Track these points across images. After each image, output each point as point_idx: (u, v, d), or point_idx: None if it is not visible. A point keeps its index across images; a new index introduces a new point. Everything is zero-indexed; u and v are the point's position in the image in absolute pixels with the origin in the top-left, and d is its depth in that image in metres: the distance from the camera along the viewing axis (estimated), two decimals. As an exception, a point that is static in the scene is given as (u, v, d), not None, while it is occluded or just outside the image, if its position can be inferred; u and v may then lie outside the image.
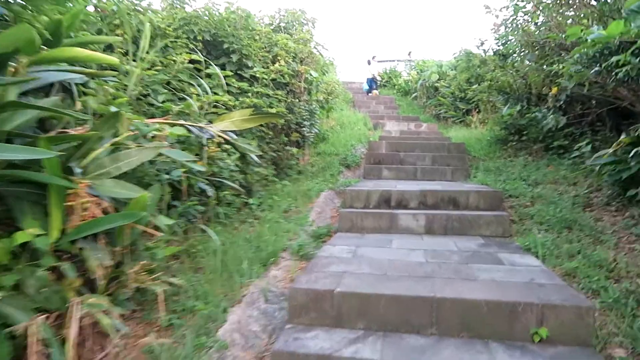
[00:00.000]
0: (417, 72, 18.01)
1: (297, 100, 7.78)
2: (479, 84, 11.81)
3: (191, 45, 5.61)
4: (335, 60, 17.32)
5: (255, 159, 4.79)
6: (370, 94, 18.75)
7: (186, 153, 3.64)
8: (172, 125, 3.65)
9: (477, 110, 12.64)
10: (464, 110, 13.06)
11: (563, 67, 5.82)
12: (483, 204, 5.35)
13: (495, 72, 8.78)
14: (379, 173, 7.99)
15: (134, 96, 3.91)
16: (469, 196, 5.38)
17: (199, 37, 5.54)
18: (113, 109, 3.09)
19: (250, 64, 5.89)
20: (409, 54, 21.75)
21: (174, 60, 4.95)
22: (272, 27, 7.95)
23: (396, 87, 19.62)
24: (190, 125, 3.73)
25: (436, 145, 8.67)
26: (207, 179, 4.43)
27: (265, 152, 6.50)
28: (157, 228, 3.10)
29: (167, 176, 3.58)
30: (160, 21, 5.24)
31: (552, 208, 5.11)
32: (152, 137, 3.39)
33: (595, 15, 5.79)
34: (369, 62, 19.27)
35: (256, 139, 6.35)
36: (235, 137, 4.06)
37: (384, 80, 21.58)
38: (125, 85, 3.92)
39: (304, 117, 7.89)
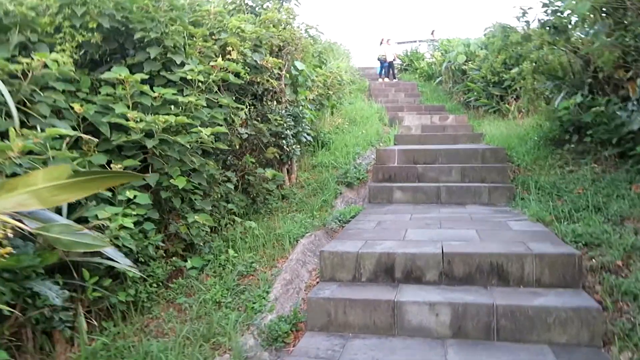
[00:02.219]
0: (442, 54, 15.54)
1: (273, 103, 5.69)
2: (518, 66, 9.39)
3: (80, 38, 3.59)
4: (346, 44, 15.07)
5: (133, 271, 2.80)
6: (381, 79, 16.42)
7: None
8: None
9: (514, 96, 10.22)
10: (498, 97, 10.65)
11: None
12: (549, 276, 3.16)
13: (543, 51, 6.43)
14: (389, 195, 5.84)
15: None
16: (524, 262, 3.19)
17: (92, 25, 3.52)
18: None
19: (180, 60, 3.85)
20: (431, 33, 19.21)
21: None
22: (233, 7, 5.83)
23: (418, 71, 17.18)
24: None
25: (466, 152, 6.42)
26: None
27: (219, 182, 4.47)
28: None
29: None
30: (17, 3, 3.25)
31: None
32: None
33: None
34: (380, 43, 16.92)
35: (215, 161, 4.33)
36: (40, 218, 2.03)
37: (405, 64, 19.14)
38: None
39: (287, 126, 5.80)
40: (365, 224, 4.53)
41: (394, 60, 17.03)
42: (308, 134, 6.54)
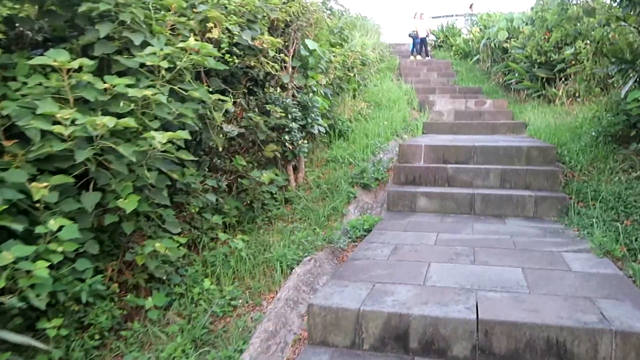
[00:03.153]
0: (480, 29, 14.06)
1: (276, 90, 4.72)
2: (571, 45, 8.06)
3: (5, 11, 2.72)
4: (376, 18, 13.77)
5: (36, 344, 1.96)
6: (412, 57, 15.07)
7: None
8: None
9: (563, 80, 8.89)
10: (543, 80, 9.31)
11: None
12: None
13: (609, 28, 5.19)
14: (412, 202, 4.85)
15: None
16: (598, 342, 2.18)
17: (17, -7, 2.65)
18: None
19: (140, 39, 2.93)
20: (470, 7, 17.59)
21: None
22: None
23: (453, 48, 15.71)
24: None
25: (507, 150, 5.30)
26: None
27: (199, 193, 3.59)
28: None
29: None
30: None
31: None
32: None
33: None
34: (413, 17, 15.51)
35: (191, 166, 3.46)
36: None
37: (439, 40, 17.66)
38: None
39: (293, 117, 4.84)
40: (377, 250, 3.58)
41: (427, 36, 15.62)
42: (320, 125, 5.56)
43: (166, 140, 2.62)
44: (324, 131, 5.92)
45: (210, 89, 3.56)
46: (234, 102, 4.45)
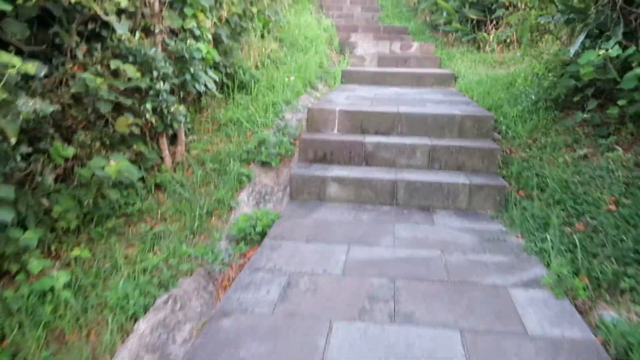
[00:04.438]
0: (408, -42, 12.60)
1: (130, 37, 3.24)
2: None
3: None
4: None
5: None
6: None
7: None
8: None
9: (494, 23, 7.94)
10: (474, 22, 8.30)
11: None
12: None
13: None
14: (320, 190, 3.74)
15: None
16: None
17: None
18: None
19: None
20: None
21: None
22: None
23: (379, -22, 14.17)
24: None
25: (437, 120, 4.27)
26: None
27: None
28: None
29: None
30: None
31: None
32: None
33: None
34: None
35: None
36: None
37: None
38: None
39: (163, 74, 3.42)
40: (261, 290, 2.46)
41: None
42: (207, 81, 4.16)
43: None
44: (215, 87, 4.51)
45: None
46: (70, 54, 2.98)
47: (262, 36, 7.12)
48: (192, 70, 3.85)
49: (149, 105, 3.31)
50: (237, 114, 4.78)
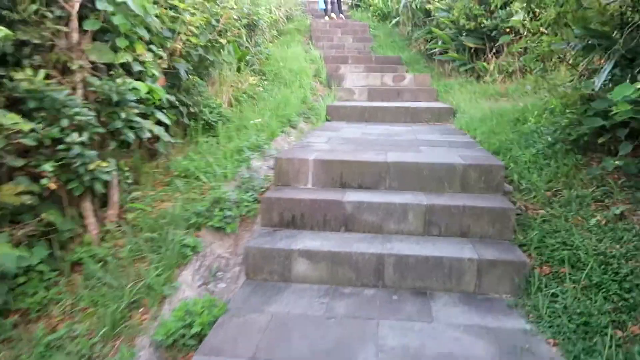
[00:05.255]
0: (400, -13, 12.06)
1: (32, 74, 2.44)
2: (506, 9, 6.37)
3: None
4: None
5: None
6: (327, 17, 12.74)
7: None
8: None
9: (494, 52, 7.22)
10: (472, 50, 7.58)
11: None
12: None
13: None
14: (285, 268, 2.85)
15: None
16: None
17: None
18: None
19: None
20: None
21: None
22: None
23: (371, 8, 13.62)
24: None
25: (435, 171, 3.42)
26: None
27: None
28: None
29: None
30: None
31: None
32: None
33: None
34: None
35: None
36: None
37: (356, -1, 15.46)
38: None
39: (77, 122, 2.60)
40: None
41: (342, -8, 13.39)
42: (146, 127, 3.33)
43: None
44: (165, 131, 3.67)
45: None
46: None
47: (239, 69, 6.39)
48: (122, 115, 3.03)
49: (47, 166, 2.47)
50: (194, 163, 3.94)
